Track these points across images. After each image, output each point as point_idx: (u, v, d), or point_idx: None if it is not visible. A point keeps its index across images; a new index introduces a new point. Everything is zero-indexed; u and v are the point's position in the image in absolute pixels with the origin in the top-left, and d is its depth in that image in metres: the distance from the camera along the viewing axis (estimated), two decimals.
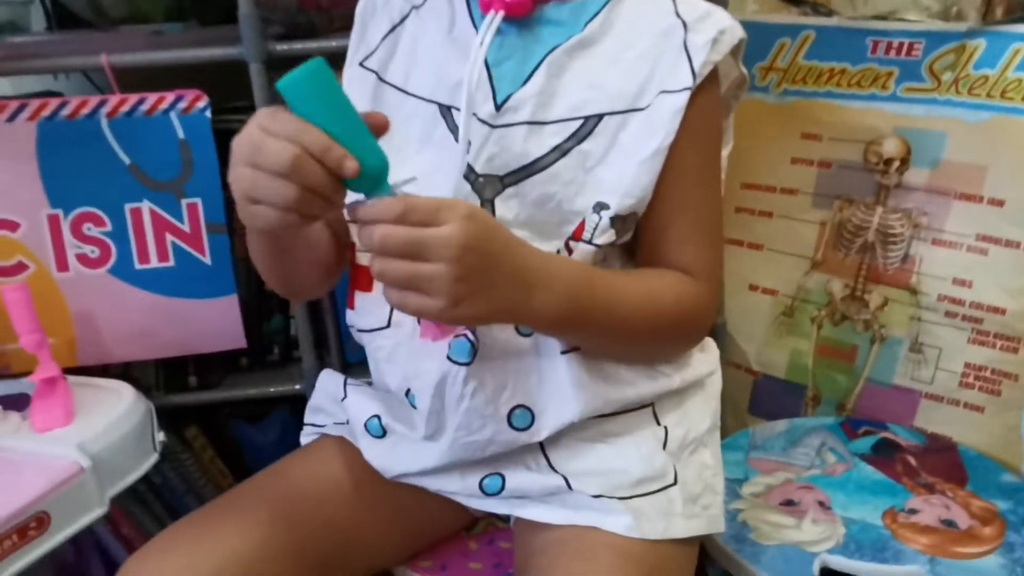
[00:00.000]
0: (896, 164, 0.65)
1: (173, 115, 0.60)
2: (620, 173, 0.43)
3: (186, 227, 0.62)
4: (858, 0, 0.65)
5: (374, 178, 0.36)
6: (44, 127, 0.59)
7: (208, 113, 0.60)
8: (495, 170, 0.43)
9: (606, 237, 0.43)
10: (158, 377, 0.67)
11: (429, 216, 0.35)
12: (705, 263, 0.45)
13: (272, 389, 0.67)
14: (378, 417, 0.48)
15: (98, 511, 0.51)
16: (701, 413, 0.48)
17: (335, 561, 0.48)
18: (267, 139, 0.34)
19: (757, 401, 0.73)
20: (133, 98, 0.60)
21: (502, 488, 0.46)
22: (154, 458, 0.57)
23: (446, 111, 0.44)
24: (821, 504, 0.57)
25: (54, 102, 0.59)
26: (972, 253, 0.63)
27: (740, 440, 0.65)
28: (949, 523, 0.54)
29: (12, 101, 0.59)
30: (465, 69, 0.42)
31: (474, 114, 0.43)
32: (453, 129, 0.44)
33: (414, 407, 0.46)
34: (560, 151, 0.43)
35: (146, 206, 0.61)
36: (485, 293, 0.36)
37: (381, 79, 0.47)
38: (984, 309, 0.63)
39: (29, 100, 0.59)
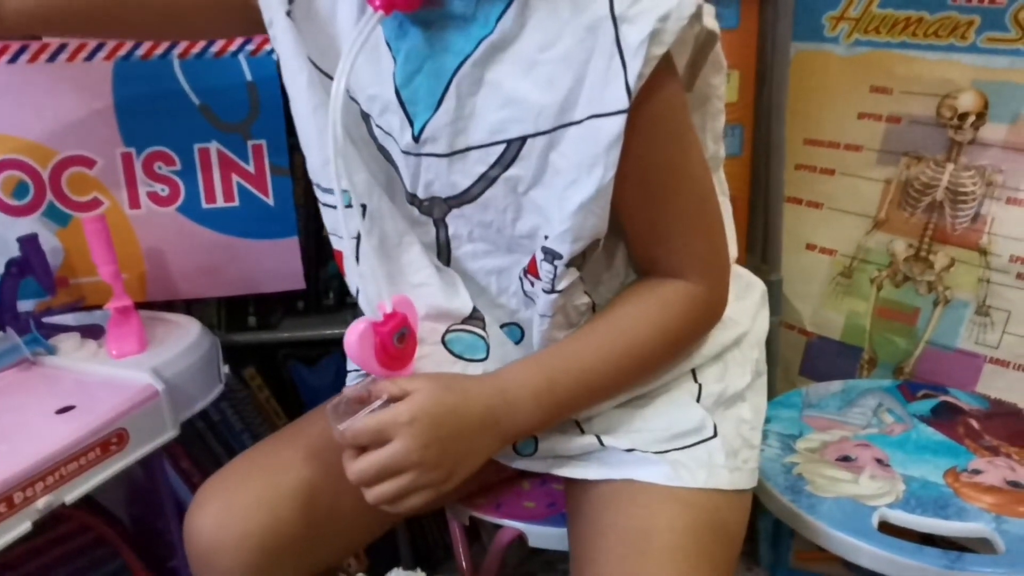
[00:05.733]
0: (971, 119, 0.63)
1: (241, 57, 0.61)
2: (560, 206, 0.38)
3: (251, 168, 0.63)
4: None
5: None
6: (120, 67, 0.61)
7: (275, 56, 0.61)
8: (437, 193, 0.41)
9: (567, 280, 0.40)
10: (219, 316, 0.69)
11: (372, 440, 0.37)
12: (699, 258, 0.42)
13: (327, 332, 0.68)
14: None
15: (171, 433, 0.54)
16: (740, 368, 0.47)
17: None
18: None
19: (809, 362, 0.72)
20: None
21: (535, 450, 0.45)
22: (220, 388, 0.60)
23: (366, 117, 0.41)
24: (879, 461, 0.56)
25: (129, 42, 0.61)
26: None
27: (793, 398, 0.64)
28: (1015, 484, 0.53)
29: (89, 41, 0.61)
30: (379, 81, 0.38)
31: (396, 142, 0.41)
32: (373, 138, 0.42)
33: None
34: (487, 180, 0.40)
35: (214, 146, 0.62)
36: (462, 459, 0.39)
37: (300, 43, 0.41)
38: None
39: (106, 40, 0.61)
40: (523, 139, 0.38)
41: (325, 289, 0.71)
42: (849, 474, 0.54)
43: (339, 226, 0.42)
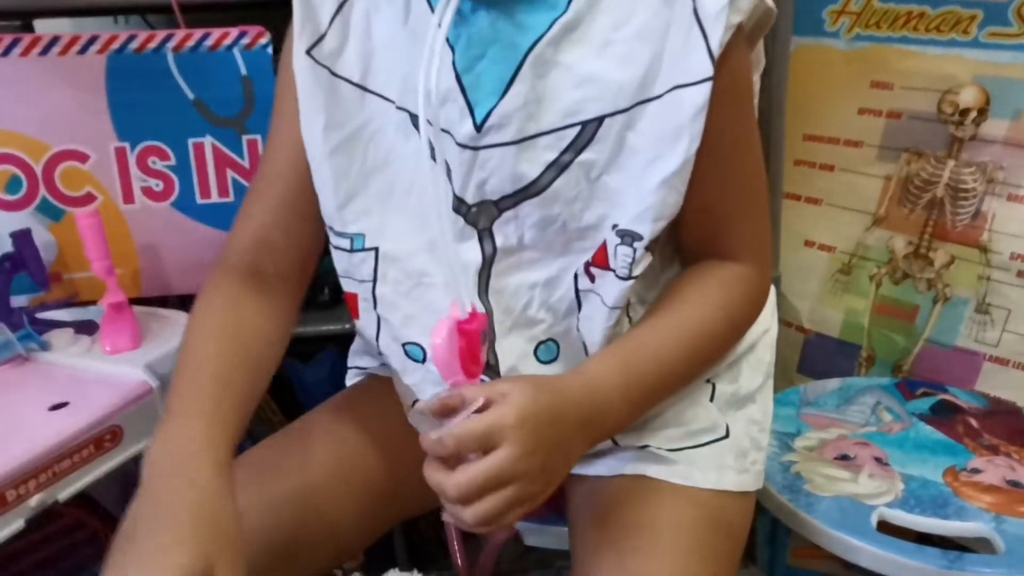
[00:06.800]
0: (973, 115, 0.62)
1: (236, 51, 0.61)
2: (636, 186, 0.37)
3: (246, 163, 0.63)
4: None
5: None
6: (113, 60, 0.60)
7: (270, 50, 0.61)
8: (487, 196, 0.38)
9: (644, 264, 0.38)
10: None
11: (481, 445, 0.33)
12: (753, 239, 0.41)
13: (323, 328, 0.68)
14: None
15: None
16: (753, 369, 0.47)
17: (400, 499, 0.48)
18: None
19: (807, 360, 0.72)
20: (198, 33, 0.60)
21: None
22: None
23: (415, 120, 0.38)
24: (878, 460, 0.56)
25: (123, 35, 0.60)
26: None
27: (791, 396, 0.64)
28: (1015, 484, 0.53)
29: (83, 35, 0.60)
30: (419, 75, 0.35)
31: (451, 136, 0.37)
32: (428, 144, 0.37)
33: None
34: (558, 167, 0.37)
35: (208, 141, 0.62)
36: (560, 468, 0.35)
37: (334, 73, 0.40)
38: None
39: (99, 33, 0.60)
40: (600, 119, 0.36)
41: (320, 286, 0.71)
42: (848, 473, 0.54)
43: (352, 270, 0.41)
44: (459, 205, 0.39)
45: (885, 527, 0.49)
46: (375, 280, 0.42)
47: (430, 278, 0.41)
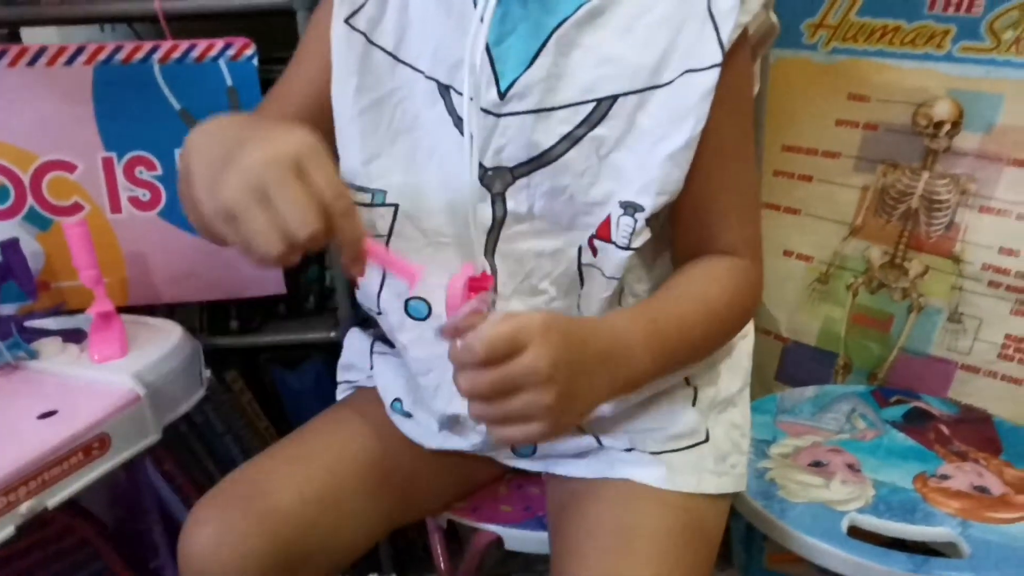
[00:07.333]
0: (947, 128, 0.64)
1: (222, 62, 0.61)
2: (641, 163, 0.40)
3: None
4: None
5: None
6: (100, 71, 0.61)
7: (255, 61, 0.61)
8: (503, 162, 0.41)
9: (643, 238, 0.41)
10: (202, 320, 0.70)
11: (509, 347, 0.33)
12: (749, 238, 0.44)
13: (308, 336, 0.69)
14: (400, 401, 0.48)
15: (153, 437, 0.54)
16: (732, 374, 0.49)
17: (393, 509, 0.49)
18: (298, 191, 0.31)
19: (785, 368, 0.73)
20: (184, 44, 0.61)
21: (534, 450, 0.47)
22: (201, 392, 0.60)
23: (444, 90, 0.41)
24: (850, 466, 0.57)
25: (109, 46, 0.61)
26: (1021, 221, 0.61)
27: (767, 403, 0.65)
28: (982, 489, 0.54)
29: (70, 46, 0.61)
30: (465, 49, 0.38)
31: (477, 104, 0.40)
32: (451, 111, 0.41)
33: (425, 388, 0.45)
34: (571, 139, 0.40)
35: None
36: (583, 396, 0.35)
37: (370, 41, 0.43)
38: None
39: (86, 44, 0.61)
40: (614, 97, 0.40)
41: (306, 294, 0.72)
42: (820, 479, 0.55)
43: (367, 225, 0.43)
44: (477, 168, 0.41)
45: (856, 532, 0.50)
46: (390, 235, 0.44)
47: (444, 238, 0.43)
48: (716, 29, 0.39)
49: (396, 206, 0.43)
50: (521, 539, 0.52)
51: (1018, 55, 0.60)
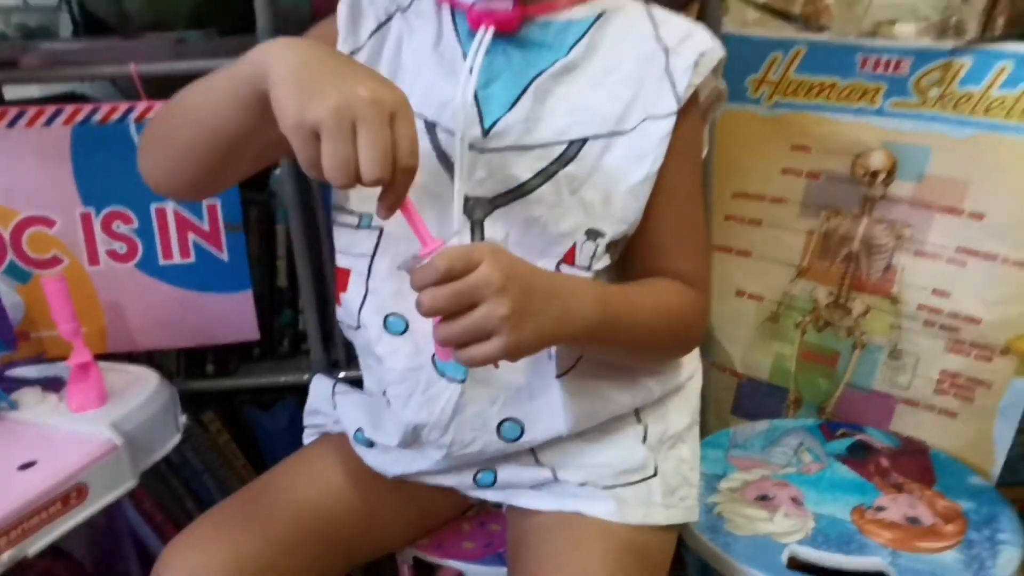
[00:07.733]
0: (882, 177, 0.68)
1: None
2: (606, 198, 0.45)
3: (206, 226, 0.66)
4: (857, 10, 0.67)
5: None
6: (77, 131, 0.63)
7: None
8: (484, 193, 0.45)
9: (603, 262, 0.45)
10: (179, 364, 0.72)
11: (465, 264, 0.37)
12: (699, 273, 0.48)
13: (282, 379, 0.71)
14: (362, 430, 0.51)
15: (130, 484, 0.56)
16: (680, 412, 0.52)
17: (353, 548, 0.51)
18: (386, 138, 0.35)
19: (740, 402, 0.76)
20: (158, 105, 0.64)
21: (495, 481, 0.49)
22: (177, 438, 0.62)
23: (431, 127, 0.46)
24: (794, 500, 0.60)
25: (87, 108, 0.63)
26: (952, 265, 0.65)
27: (721, 439, 0.69)
28: (913, 520, 0.58)
29: (48, 107, 0.63)
30: (456, 90, 0.43)
31: (462, 140, 0.44)
32: (435, 147, 0.45)
33: (388, 403, 0.48)
34: (545, 175, 0.45)
35: (170, 206, 0.65)
36: (536, 315, 0.38)
37: None
38: (961, 319, 0.65)
39: (64, 105, 0.63)
40: (584, 140, 0.45)
41: (279, 337, 0.74)
42: (765, 512, 0.59)
43: (353, 245, 0.47)
44: (463, 201, 0.45)
45: (795, 564, 0.54)
46: (374, 254, 0.48)
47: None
48: (673, 85, 0.45)
49: (381, 229, 0.47)
50: (482, 574, 0.54)
51: (942, 111, 0.64)
